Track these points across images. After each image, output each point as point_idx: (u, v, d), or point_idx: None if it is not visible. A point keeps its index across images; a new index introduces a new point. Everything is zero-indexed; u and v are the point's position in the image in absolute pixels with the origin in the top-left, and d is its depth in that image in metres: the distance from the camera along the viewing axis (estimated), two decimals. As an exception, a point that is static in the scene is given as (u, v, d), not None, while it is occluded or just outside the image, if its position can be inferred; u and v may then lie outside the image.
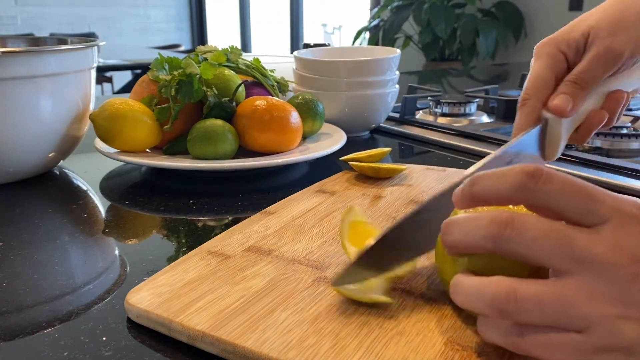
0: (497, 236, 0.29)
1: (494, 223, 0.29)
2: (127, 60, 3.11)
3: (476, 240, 0.30)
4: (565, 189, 0.29)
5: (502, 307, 0.28)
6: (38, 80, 0.62)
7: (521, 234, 0.28)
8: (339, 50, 0.96)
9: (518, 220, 0.28)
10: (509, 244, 0.29)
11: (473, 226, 0.30)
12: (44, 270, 0.45)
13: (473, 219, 0.30)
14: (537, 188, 0.29)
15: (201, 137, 0.65)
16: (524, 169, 0.30)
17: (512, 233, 0.28)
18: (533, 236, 0.28)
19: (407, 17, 3.61)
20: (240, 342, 0.32)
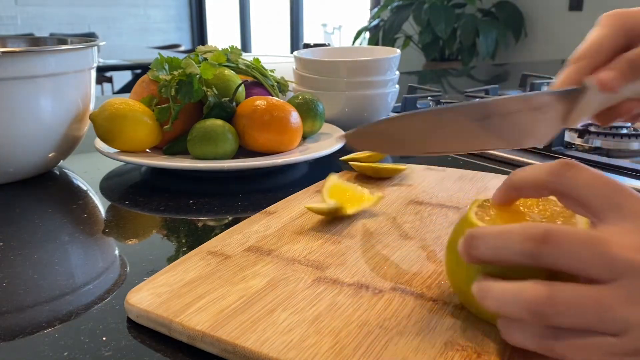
0: (536, 253, 0.29)
1: (530, 239, 0.29)
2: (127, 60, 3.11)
3: (509, 256, 0.29)
4: (595, 181, 0.30)
5: (541, 310, 0.28)
6: (38, 80, 0.62)
7: (559, 248, 0.28)
8: (339, 50, 0.96)
9: (554, 234, 0.28)
10: (547, 259, 0.28)
11: (505, 241, 0.30)
12: (44, 270, 0.45)
13: (503, 234, 0.30)
14: (569, 175, 0.31)
15: (201, 137, 0.65)
16: (561, 160, 0.31)
17: (549, 248, 0.28)
18: (570, 249, 0.28)
19: (407, 17, 3.61)
20: (240, 342, 0.33)
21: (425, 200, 0.57)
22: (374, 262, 0.43)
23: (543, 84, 1.12)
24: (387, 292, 0.38)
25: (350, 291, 0.38)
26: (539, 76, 1.24)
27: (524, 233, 0.29)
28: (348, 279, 0.40)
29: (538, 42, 3.49)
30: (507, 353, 0.32)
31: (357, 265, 0.42)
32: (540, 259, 0.29)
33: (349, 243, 0.46)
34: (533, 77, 1.25)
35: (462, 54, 3.55)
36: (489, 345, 0.32)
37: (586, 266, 0.28)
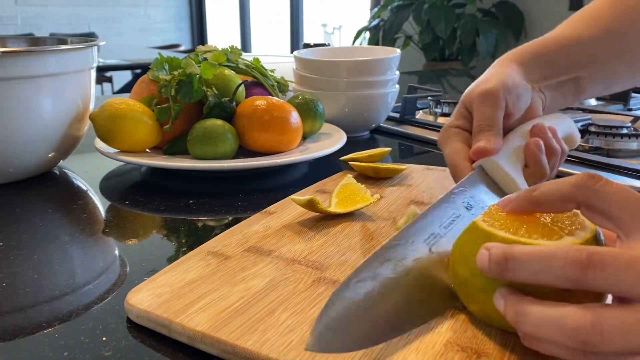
0: (581, 279, 0.27)
1: (573, 263, 0.28)
2: (127, 60, 3.11)
3: (551, 281, 0.28)
4: (624, 195, 0.30)
5: (587, 339, 0.27)
6: (38, 80, 0.62)
7: (604, 272, 0.27)
8: (339, 50, 0.96)
9: (599, 258, 0.27)
10: (593, 284, 0.28)
11: (545, 266, 0.28)
12: (44, 270, 0.45)
13: (544, 257, 0.28)
14: (596, 188, 0.30)
15: (201, 137, 0.65)
16: (587, 172, 0.31)
17: (595, 274, 0.27)
18: (615, 271, 0.27)
19: (407, 17, 3.61)
20: (240, 343, 0.32)
21: (425, 200, 0.56)
22: (374, 262, 0.43)
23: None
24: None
25: (350, 291, 0.38)
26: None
27: (566, 257, 0.28)
28: (348, 279, 0.40)
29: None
30: (507, 353, 0.32)
31: (357, 266, 0.42)
32: (585, 284, 0.28)
33: (349, 243, 0.46)
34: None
35: (462, 54, 3.55)
36: (489, 345, 0.32)
37: (630, 288, 0.27)
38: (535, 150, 0.47)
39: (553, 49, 0.54)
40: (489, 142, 0.46)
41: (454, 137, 0.50)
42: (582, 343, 0.27)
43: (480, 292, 0.33)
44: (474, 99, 0.49)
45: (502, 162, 0.45)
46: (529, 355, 0.31)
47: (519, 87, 0.50)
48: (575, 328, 0.27)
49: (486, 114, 0.48)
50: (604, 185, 0.31)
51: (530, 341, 0.30)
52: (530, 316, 0.28)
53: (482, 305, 0.33)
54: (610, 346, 0.27)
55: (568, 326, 0.27)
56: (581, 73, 0.54)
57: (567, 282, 0.28)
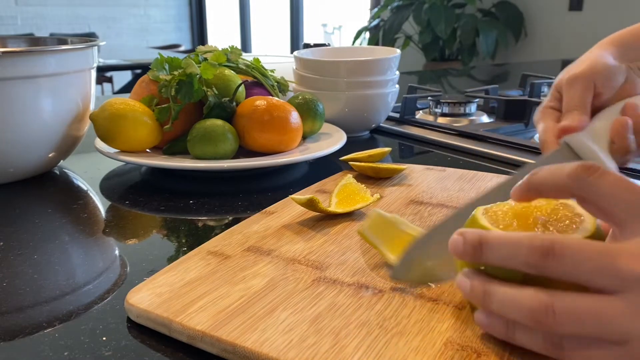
0: (540, 265, 0.29)
1: (534, 251, 0.29)
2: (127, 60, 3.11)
3: (516, 265, 0.30)
4: (618, 188, 0.30)
5: (541, 319, 0.28)
6: (38, 80, 0.62)
7: (563, 261, 0.28)
8: (339, 50, 0.96)
9: (558, 247, 0.29)
10: (551, 270, 0.29)
11: (511, 251, 0.30)
12: (44, 270, 0.45)
13: (511, 244, 0.30)
14: (590, 180, 0.31)
15: (201, 137, 0.65)
16: (583, 163, 0.31)
17: (553, 261, 0.28)
18: (575, 261, 0.28)
19: (407, 17, 3.61)
20: (240, 342, 0.33)
21: (425, 200, 0.57)
22: (374, 262, 0.43)
23: (543, 84, 1.12)
24: (387, 292, 0.38)
25: (350, 291, 0.38)
26: (539, 76, 1.24)
27: (530, 245, 0.29)
28: (348, 279, 0.40)
29: (538, 42, 3.49)
30: (506, 353, 0.32)
31: (357, 265, 0.42)
32: (545, 271, 0.29)
33: (349, 243, 0.46)
34: (533, 77, 1.25)
35: (462, 54, 3.55)
36: (489, 345, 0.32)
37: (591, 278, 0.28)
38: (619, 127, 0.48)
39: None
40: (574, 120, 0.49)
41: (547, 116, 0.53)
42: (537, 322, 0.28)
43: None
44: (564, 82, 0.52)
45: (586, 138, 0.47)
46: (529, 355, 0.31)
47: (609, 68, 0.52)
48: (530, 308, 0.29)
49: (574, 96, 0.50)
50: (598, 177, 0.31)
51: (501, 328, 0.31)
52: (495, 295, 0.30)
53: None
54: (564, 328, 0.28)
55: (524, 305, 0.29)
56: None
57: (529, 267, 0.29)
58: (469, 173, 0.65)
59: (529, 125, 0.93)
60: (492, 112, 1.02)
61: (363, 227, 0.44)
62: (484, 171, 0.66)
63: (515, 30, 3.49)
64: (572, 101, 0.50)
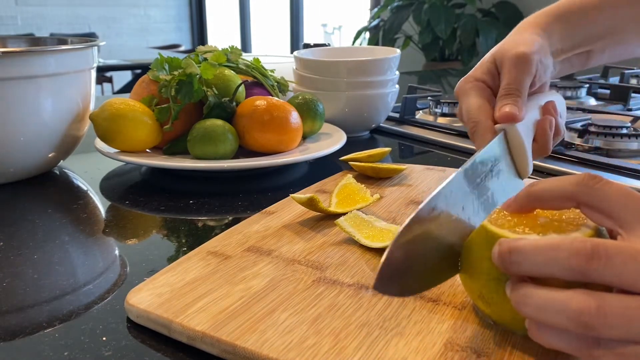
0: (585, 270, 0.28)
1: (578, 255, 0.28)
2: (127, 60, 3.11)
3: (555, 272, 0.28)
4: (625, 194, 0.30)
5: (589, 322, 0.27)
6: (38, 80, 0.62)
7: (609, 264, 0.27)
8: (339, 50, 0.96)
9: (603, 249, 0.27)
10: (596, 275, 0.28)
11: (550, 258, 0.28)
12: (44, 270, 0.45)
13: (548, 249, 0.29)
14: (597, 187, 0.31)
15: (201, 137, 0.65)
16: (588, 172, 0.31)
17: (599, 264, 0.27)
18: (620, 263, 0.27)
19: (407, 17, 3.61)
20: (240, 343, 0.32)
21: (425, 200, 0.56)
22: (374, 262, 0.43)
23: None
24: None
25: (350, 291, 0.38)
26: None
27: (571, 249, 0.28)
28: (348, 279, 0.40)
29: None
30: (506, 353, 0.32)
31: (357, 265, 0.42)
32: (589, 276, 0.28)
33: (349, 243, 0.46)
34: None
35: (462, 54, 3.55)
36: (489, 345, 0.32)
37: (636, 281, 0.27)
38: (547, 128, 0.47)
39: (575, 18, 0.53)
40: (518, 108, 0.45)
41: (476, 90, 0.49)
42: (584, 326, 0.27)
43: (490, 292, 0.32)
44: (508, 59, 0.48)
45: (522, 132, 0.45)
46: (529, 355, 0.31)
47: (548, 59, 0.50)
48: (578, 310, 0.27)
49: (517, 79, 0.47)
50: (604, 185, 0.31)
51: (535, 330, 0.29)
52: (534, 298, 0.29)
53: (493, 307, 0.33)
54: (612, 331, 0.27)
55: (571, 308, 0.27)
56: (596, 45, 0.54)
57: (571, 273, 0.28)
58: (469, 173, 0.65)
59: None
60: (492, 112, 1.02)
61: (340, 219, 0.48)
62: (484, 171, 0.66)
63: (515, 30, 3.48)
64: (515, 85, 0.47)
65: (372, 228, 0.47)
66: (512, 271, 0.30)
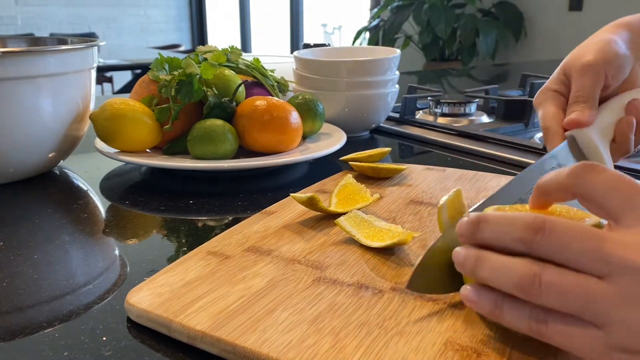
0: (529, 240, 0.29)
1: (527, 228, 0.29)
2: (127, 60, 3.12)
3: (508, 242, 0.30)
4: (613, 183, 0.30)
5: (527, 288, 0.29)
6: (38, 80, 0.62)
7: (552, 239, 0.29)
8: (339, 50, 0.96)
9: (549, 225, 0.29)
10: (540, 248, 0.29)
11: (507, 227, 0.30)
12: (44, 270, 0.45)
13: (508, 220, 0.30)
14: (587, 177, 0.31)
15: (201, 137, 0.65)
16: (582, 162, 0.32)
17: (542, 238, 0.29)
18: (563, 240, 0.28)
19: (407, 17, 3.61)
20: (240, 342, 0.33)
21: (425, 200, 0.57)
22: (374, 262, 0.43)
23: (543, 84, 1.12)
24: (387, 292, 0.38)
25: (350, 291, 0.38)
26: (539, 76, 1.24)
27: (525, 221, 0.30)
28: (348, 279, 0.40)
29: (538, 42, 3.49)
30: (507, 353, 0.32)
31: (357, 265, 0.42)
32: (534, 247, 0.29)
33: (349, 243, 0.46)
34: (533, 77, 1.25)
35: (462, 54, 3.55)
36: (489, 345, 0.32)
37: (579, 259, 0.28)
38: (625, 128, 0.48)
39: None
40: (583, 114, 0.48)
41: (550, 100, 0.52)
42: (524, 291, 0.29)
43: None
44: (575, 69, 0.50)
45: (593, 134, 0.47)
46: (529, 355, 0.31)
47: (621, 59, 0.50)
48: (519, 274, 0.29)
49: (584, 86, 0.49)
50: (595, 174, 0.31)
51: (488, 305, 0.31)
52: (487, 261, 0.31)
53: None
54: (546, 301, 0.28)
55: (514, 272, 0.29)
56: None
57: (518, 244, 0.30)
58: (469, 173, 0.65)
59: (529, 126, 0.93)
60: (492, 112, 1.02)
61: (340, 218, 0.48)
62: (484, 171, 0.66)
63: (515, 30, 3.49)
64: (582, 92, 0.49)
65: (372, 228, 0.47)
66: (475, 238, 0.32)
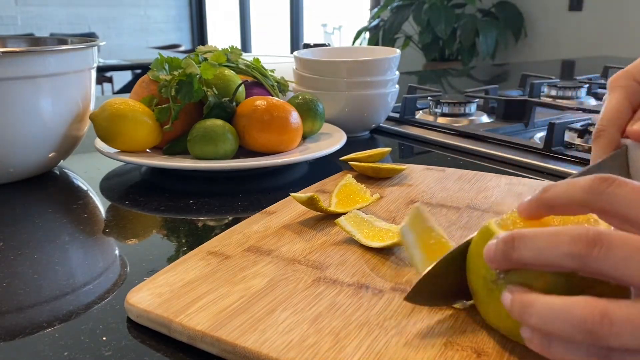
0: (584, 255, 0.26)
1: (579, 240, 0.26)
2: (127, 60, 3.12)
3: (555, 258, 0.27)
4: (637, 194, 0.28)
5: (595, 330, 0.25)
6: (38, 80, 0.62)
7: (610, 253, 0.26)
8: (339, 50, 0.96)
9: (606, 237, 0.26)
10: (596, 263, 0.26)
11: (551, 242, 0.27)
12: (44, 270, 0.45)
13: (550, 234, 0.27)
14: (609, 191, 0.28)
15: (201, 137, 0.65)
16: (596, 175, 0.29)
17: (600, 252, 0.26)
18: (623, 254, 0.26)
19: (407, 17, 3.61)
20: (240, 342, 0.33)
21: (425, 200, 0.57)
22: (374, 262, 0.43)
23: (543, 84, 1.12)
24: (387, 292, 0.38)
25: (350, 291, 0.38)
26: (539, 76, 1.24)
27: (573, 234, 0.27)
28: (348, 279, 0.40)
29: (538, 42, 3.49)
30: (507, 353, 0.32)
31: (357, 265, 0.42)
32: (589, 263, 0.26)
33: (349, 243, 0.46)
34: (533, 77, 1.25)
35: (462, 54, 3.55)
36: (489, 345, 0.32)
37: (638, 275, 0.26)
38: None
39: None
40: None
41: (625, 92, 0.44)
42: (590, 334, 0.25)
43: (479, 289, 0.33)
44: None
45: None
46: (529, 355, 0.31)
47: None
48: (582, 317, 0.25)
49: None
50: (617, 187, 0.28)
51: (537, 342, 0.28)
52: (536, 307, 0.27)
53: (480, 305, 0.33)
54: (619, 339, 0.25)
55: (575, 315, 0.26)
56: None
57: (570, 260, 0.27)
58: (468, 173, 0.65)
59: (529, 126, 0.93)
60: (492, 112, 1.02)
61: (340, 218, 0.48)
62: (484, 171, 0.66)
63: (515, 30, 3.49)
64: None
65: (372, 228, 0.47)
66: (510, 258, 0.29)
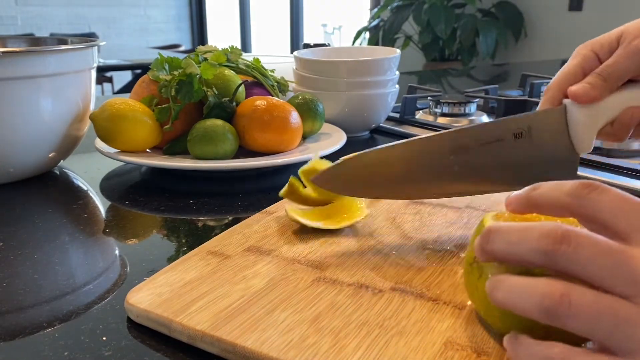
0: (551, 251, 0.27)
1: (548, 236, 0.27)
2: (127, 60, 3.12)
3: (524, 252, 0.28)
4: (620, 203, 0.28)
5: (553, 308, 0.26)
6: (38, 80, 0.62)
7: (577, 251, 0.26)
8: (339, 50, 0.96)
9: (574, 236, 0.27)
10: (562, 260, 0.27)
11: (522, 236, 0.28)
12: (44, 270, 0.45)
13: (522, 229, 0.28)
14: (590, 197, 0.29)
15: (201, 137, 0.65)
16: (582, 181, 0.30)
17: (567, 249, 0.26)
18: (590, 254, 0.26)
19: (407, 17, 3.61)
20: (240, 342, 0.33)
21: (425, 200, 0.56)
22: (374, 262, 0.43)
23: (543, 84, 1.12)
24: (387, 292, 0.38)
25: (350, 291, 0.38)
26: (539, 76, 1.24)
27: (543, 230, 0.27)
28: (348, 279, 0.40)
29: (538, 42, 3.49)
30: (507, 354, 0.32)
31: (357, 265, 0.42)
32: (556, 259, 0.27)
33: (349, 243, 0.46)
34: (533, 77, 1.25)
35: (462, 54, 3.55)
36: (489, 345, 0.32)
37: (605, 276, 0.26)
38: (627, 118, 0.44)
39: None
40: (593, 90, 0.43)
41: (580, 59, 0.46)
42: (547, 312, 0.26)
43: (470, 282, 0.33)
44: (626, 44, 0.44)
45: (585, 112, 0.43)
46: (528, 354, 0.31)
47: None
48: (543, 294, 0.26)
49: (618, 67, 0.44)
50: (598, 194, 0.29)
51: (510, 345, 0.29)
52: (504, 283, 0.28)
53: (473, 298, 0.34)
54: (576, 323, 0.26)
55: (537, 293, 0.26)
56: None
57: (539, 254, 0.27)
58: (469, 173, 0.65)
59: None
60: (492, 112, 1.02)
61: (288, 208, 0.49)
62: (484, 171, 0.66)
63: (515, 30, 3.49)
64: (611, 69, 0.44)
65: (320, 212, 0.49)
66: (486, 251, 0.29)
